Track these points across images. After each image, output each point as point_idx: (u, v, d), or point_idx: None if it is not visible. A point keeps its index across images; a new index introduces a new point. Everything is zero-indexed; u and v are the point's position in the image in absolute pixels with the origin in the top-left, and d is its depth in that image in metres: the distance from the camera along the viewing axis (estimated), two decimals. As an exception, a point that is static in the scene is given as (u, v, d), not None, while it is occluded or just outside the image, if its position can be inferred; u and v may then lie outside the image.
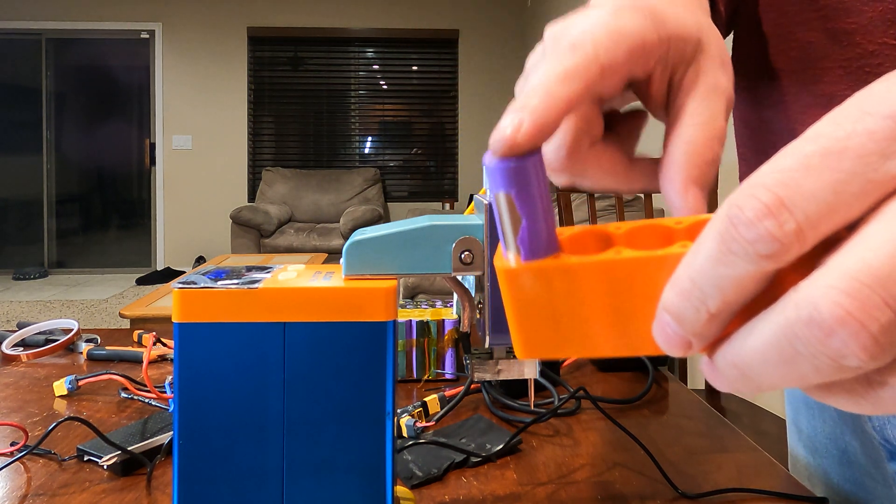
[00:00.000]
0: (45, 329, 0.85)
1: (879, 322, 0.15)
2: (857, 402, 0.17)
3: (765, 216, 0.16)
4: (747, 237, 0.16)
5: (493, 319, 0.35)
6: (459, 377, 0.69)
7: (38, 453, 0.52)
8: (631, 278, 0.21)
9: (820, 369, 0.16)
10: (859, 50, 0.39)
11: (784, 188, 0.16)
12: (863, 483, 0.54)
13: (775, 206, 0.16)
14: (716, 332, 0.19)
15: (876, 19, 0.38)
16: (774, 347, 0.16)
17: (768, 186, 0.16)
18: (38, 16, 5.89)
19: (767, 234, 0.16)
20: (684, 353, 0.19)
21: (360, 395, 0.35)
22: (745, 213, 0.16)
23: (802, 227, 0.16)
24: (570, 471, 0.51)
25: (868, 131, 0.16)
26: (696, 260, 0.18)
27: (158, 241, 6.02)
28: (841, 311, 0.15)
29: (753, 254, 0.16)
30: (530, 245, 0.22)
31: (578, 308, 0.22)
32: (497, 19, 6.14)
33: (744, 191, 0.16)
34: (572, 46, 0.25)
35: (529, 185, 0.22)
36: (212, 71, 6.00)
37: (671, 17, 0.28)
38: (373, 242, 0.35)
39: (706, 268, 0.17)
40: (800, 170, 0.16)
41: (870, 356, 0.15)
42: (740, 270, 0.17)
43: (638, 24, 0.26)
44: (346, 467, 0.35)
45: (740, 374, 0.18)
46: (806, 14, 0.42)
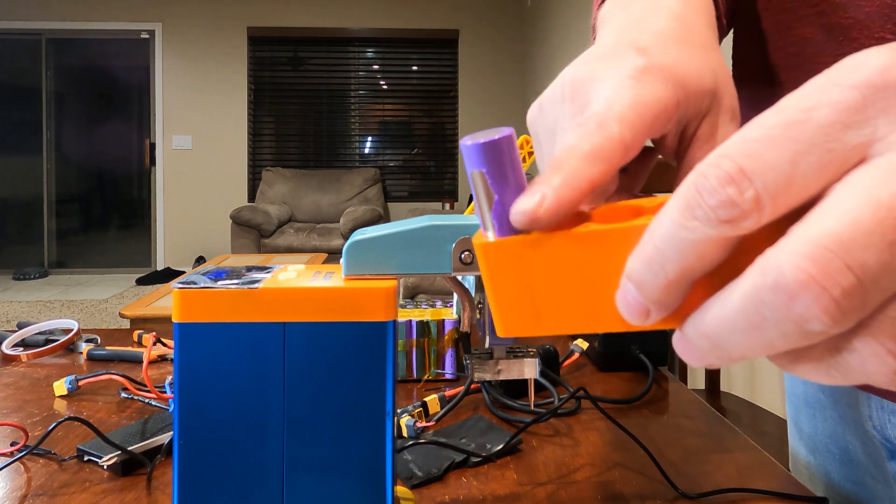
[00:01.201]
0: (45, 329, 0.85)
1: (841, 286, 0.15)
2: (827, 371, 0.17)
3: (727, 183, 0.16)
4: (710, 203, 0.17)
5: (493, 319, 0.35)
6: (459, 377, 0.69)
7: (38, 453, 0.52)
8: (599, 252, 0.21)
9: (786, 335, 0.16)
10: (856, 45, 0.39)
11: (746, 158, 0.16)
12: (864, 482, 0.54)
13: (737, 175, 0.16)
14: (674, 301, 0.19)
15: (874, 14, 0.38)
16: (742, 314, 0.17)
17: (731, 156, 0.17)
18: (38, 16, 5.89)
19: (728, 200, 0.16)
20: (643, 320, 0.20)
21: (360, 395, 0.35)
22: (709, 180, 0.17)
23: (761, 194, 0.16)
24: (570, 471, 0.51)
25: (833, 102, 0.16)
26: (659, 226, 0.18)
27: (158, 241, 6.02)
28: (804, 275, 0.15)
29: (714, 219, 0.17)
30: (504, 221, 0.22)
31: (552, 284, 0.22)
32: (497, 19, 6.15)
33: (709, 160, 0.17)
34: (599, 126, 0.25)
35: (502, 162, 0.22)
36: (212, 71, 6.00)
37: (692, 73, 0.28)
38: (373, 242, 0.35)
39: (668, 231, 0.18)
40: (762, 140, 0.17)
41: (832, 320, 0.15)
42: (700, 234, 0.17)
43: (660, 95, 0.26)
44: (346, 467, 0.35)
45: (711, 343, 0.18)
46: (804, 10, 0.42)
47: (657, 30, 0.31)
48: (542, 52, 5.32)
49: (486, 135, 0.22)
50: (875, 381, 0.17)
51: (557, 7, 4.76)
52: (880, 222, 0.15)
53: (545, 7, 5.19)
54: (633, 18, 0.32)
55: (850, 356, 0.17)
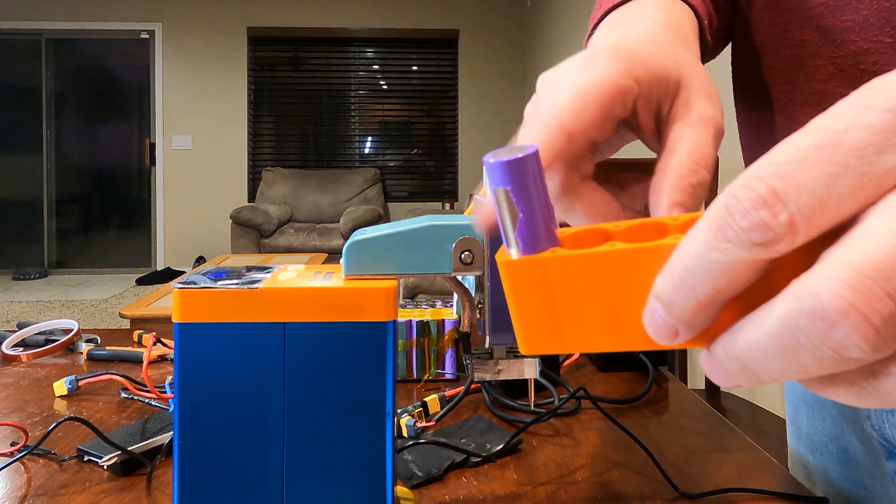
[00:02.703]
0: (45, 329, 0.85)
1: (882, 314, 0.15)
2: (860, 394, 0.17)
3: (760, 206, 0.16)
4: (742, 225, 0.16)
5: (493, 319, 0.35)
6: (459, 377, 0.69)
7: (38, 453, 0.52)
8: (625, 270, 0.21)
9: (822, 361, 0.16)
10: (853, 48, 0.40)
11: (778, 180, 0.16)
12: (863, 482, 0.54)
13: (770, 197, 0.16)
14: (703, 322, 0.19)
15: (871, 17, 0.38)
16: (776, 338, 0.17)
17: (763, 178, 0.16)
18: (38, 16, 5.89)
19: (762, 223, 0.16)
20: (671, 340, 0.20)
21: (360, 395, 0.35)
22: (741, 202, 0.16)
23: (795, 217, 0.16)
24: (570, 471, 0.51)
25: (867, 124, 0.16)
26: (690, 247, 0.18)
27: (158, 241, 6.02)
28: (843, 302, 0.15)
29: (747, 241, 0.16)
30: (528, 239, 0.22)
31: (577, 302, 0.22)
32: (497, 19, 6.14)
33: (740, 181, 0.17)
34: (540, 121, 0.27)
35: (526, 180, 0.22)
36: (212, 71, 6.00)
37: (650, 56, 0.29)
38: (373, 242, 0.35)
39: (699, 253, 0.18)
40: (794, 162, 0.16)
41: (872, 347, 0.15)
42: (732, 257, 0.17)
43: (608, 71, 0.27)
44: (346, 467, 0.35)
45: (741, 366, 0.18)
46: (801, 12, 0.42)
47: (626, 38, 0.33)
48: (542, 53, 5.32)
49: (509, 152, 0.22)
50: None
51: (557, 7, 4.76)
52: None
53: (545, 7, 5.19)
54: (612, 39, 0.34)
55: (887, 381, 0.16)
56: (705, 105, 0.29)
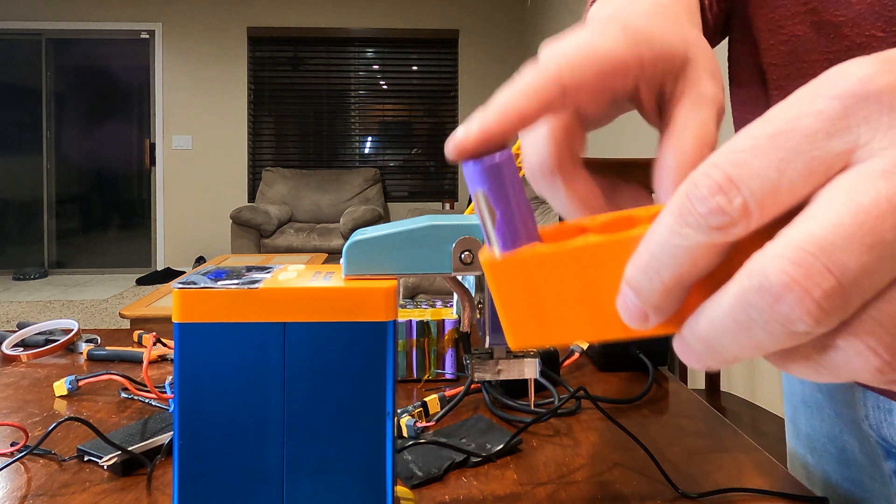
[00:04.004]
0: (45, 329, 0.85)
1: (822, 288, 0.16)
2: (816, 369, 0.18)
3: (716, 192, 0.17)
4: (700, 210, 0.17)
5: (493, 319, 0.35)
6: (459, 377, 0.69)
7: (38, 453, 0.52)
8: (600, 262, 0.22)
9: (774, 335, 0.17)
10: (847, 42, 0.40)
11: (734, 167, 0.17)
12: (861, 482, 0.54)
13: (725, 183, 0.17)
14: (671, 305, 0.20)
15: (864, 12, 0.38)
16: (731, 316, 0.17)
17: (720, 166, 0.17)
18: (38, 16, 5.89)
19: (718, 208, 0.17)
20: (642, 324, 0.21)
21: (360, 395, 0.35)
22: (700, 189, 0.17)
23: (748, 202, 0.17)
24: (570, 471, 0.51)
25: (816, 112, 0.17)
26: (655, 233, 0.19)
27: (158, 241, 6.02)
28: (786, 277, 0.16)
29: (705, 225, 0.17)
30: (507, 238, 0.24)
31: (558, 295, 0.23)
32: (497, 19, 6.14)
33: (700, 170, 0.18)
34: (537, 67, 0.26)
35: (502, 182, 0.23)
36: (212, 71, 6.00)
37: (657, 33, 0.28)
38: (373, 242, 0.35)
39: (663, 238, 0.19)
40: (749, 150, 0.17)
41: (815, 320, 0.16)
42: (693, 241, 0.18)
43: (614, 44, 0.27)
44: (346, 467, 0.35)
45: (705, 345, 0.19)
46: (795, 7, 0.42)
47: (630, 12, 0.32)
48: (542, 52, 5.32)
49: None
50: (860, 377, 0.17)
51: (557, 7, 4.76)
52: (860, 226, 0.16)
53: (545, 7, 5.19)
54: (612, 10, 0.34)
55: (836, 354, 0.17)
56: (709, 84, 0.29)
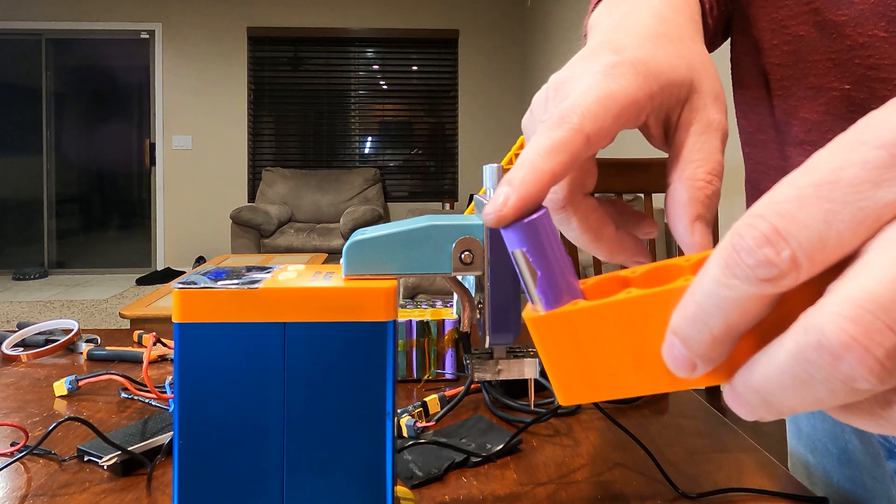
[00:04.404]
0: (45, 329, 0.85)
1: (884, 346, 0.15)
2: (878, 422, 0.18)
3: (763, 244, 0.17)
4: (748, 262, 0.17)
5: (493, 319, 0.35)
6: (459, 377, 0.69)
7: (38, 453, 0.52)
8: (644, 315, 0.22)
9: (834, 392, 0.16)
10: (849, 42, 0.40)
11: (780, 218, 0.17)
12: (863, 482, 0.54)
13: (772, 235, 0.17)
14: (719, 355, 0.19)
15: (867, 11, 0.38)
16: (788, 372, 0.17)
17: (766, 216, 0.17)
18: (38, 16, 5.89)
19: (766, 260, 0.17)
20: (690, 373, 0.20)
21: (360, 395, 0.35)
22: (746, 240, 0.17)
23: (797, 254, 0.17)
24: (570, 471, 0.51)
25: (862, 161, 0.17)
26: (701, 284, 0.19)
27: (158, 241, 6.02)
28: (846, 336, 0.15)
29: (754, 277, 0.17)
30: (550, 295, 0.24)
31: (604, 350, 0.23)
32: (497, 19, 6.14)
33: (745, 220, 0.18)
34: (560, 120, 0.26)
35: (540, 240, 0.24)
36: (212, 71, 6.00)
37: (665, 65, 0.29)
38: (373, 242, 0.35)
39: (710, 290, 0.18)
40: (794, 200, 0.17)
41: (878, 379, 0.16)
42: (741, 293, 0.18)
43: (629, 86, 0.27)
44: (346, 467, 0.35)
45: (761, 399, 0.18)
46: (797, 7, 0.42)
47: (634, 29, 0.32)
48: (542, 53, 5.32)
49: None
50: None
51: (557, 8, 4.76)
52: None
53: (545, 7, 5.19)
54: (616, 21, 0.34)
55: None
56: (713, 111, 0.29)
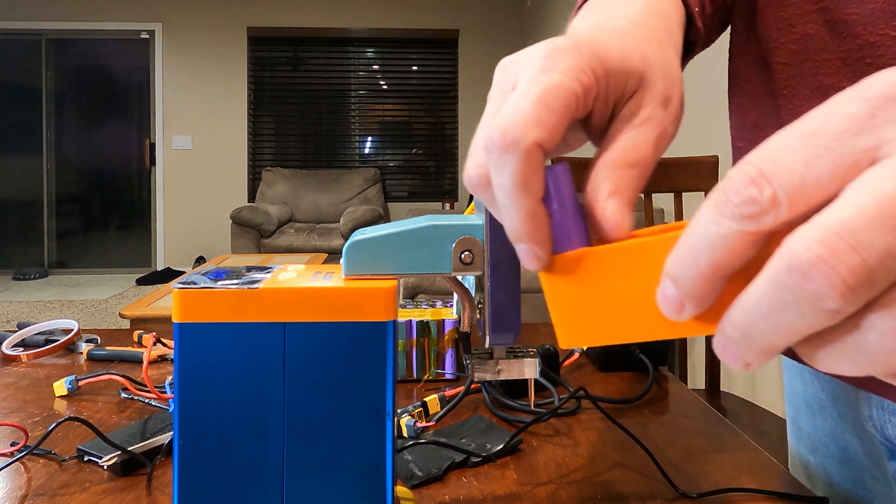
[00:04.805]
0: (45, 329, 0.85)
1: (846, 265, 0.17)
2: (852, 356, 0.19)
3: (749, 184, 0.19)
4: (734, 201, 0.19)
5: (493, 319, 0.35)
6: (459, 377, 0.69)
7: (38, 453, 0.52)
8: (646, 260, 0.24)
9: (804, 315, 0.18)
10: (859, 41, 0.39)
11: (766, 163, 0.19)
12: (863, 482, 0.54)
13: (757, 176, 0.19)
14: (707, 294, 0.21)
15: (877, 11, 0.38)
16: (765, 299, 0.19)
17: (754, 162, 0.19)
18: (38, 16, 5.89)
19: (750, 198, 0.19)
20: (679, 314, 0.22)
21: (360, 395, 0.35)
22: (734, 182, 0.19)
23: (777, 193, 0.18)
24: (570, 471, 0.51)
25: (846, 113, 0.19)
26: (693, 225, 0.20)
27: (158, 241, 6.02)
28: (813, 255, 0.17)
29: (739, 215, 0.19)
30: (560, 239, 0.25)
31: (606, 295, 0.25)
32: (497, 19, 6.14)
33: (736, 167, 0.20)
34: (504, 141, 0.25)
35: (558, 187, 0.25)
36: (212, 71, 6.00)
37: (614, 51, 0.28)
38: (373, 242, 0.35)
39: (700, 228, 0.20)
40: (781, 148, 0.19)
41: (842, 295, 0.17)
42: (727, 229, 0.19)
43: (566, 74, 0.26)
44: (346, 467, 0.35)
45: (741, 333, 0.20)
46: (806, 6, 0.42)
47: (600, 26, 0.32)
48: (542, 52, 5.31)
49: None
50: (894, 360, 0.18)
51: (557, 7, 4.76)
52: (883, 209, 0.17)
53: (545, 7, 5.19)
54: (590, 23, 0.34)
55: (870, 334, 0.18)
56: (656, 109, 0.29)
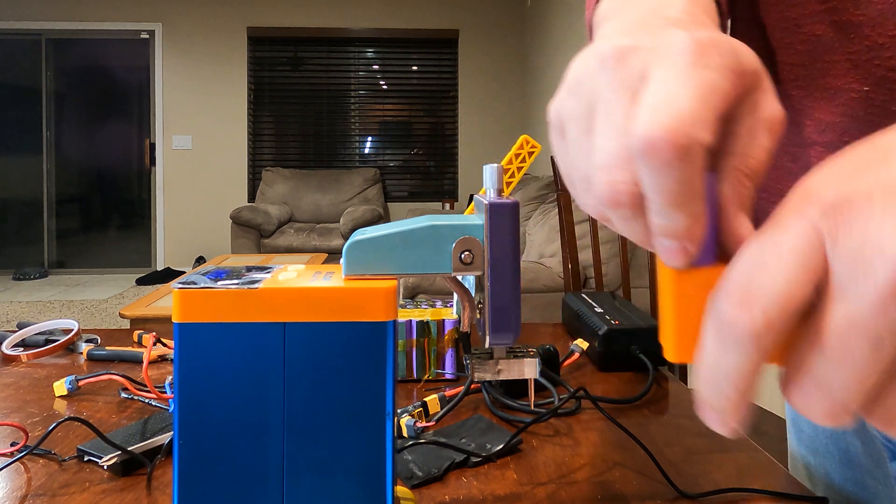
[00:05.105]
0: (45, 329, 0.85)
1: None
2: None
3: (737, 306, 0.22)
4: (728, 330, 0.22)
5: (493, 319, 0.35)
6: (459, 377, 0.69)
7: (38, 453, 0.52)
8: None
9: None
10: (868, 42, 0.39)
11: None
12: (864, 483, 0.54)
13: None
14: (748, 393, 0.22)
15: (886, 11, 0.38)
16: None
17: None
18: (38, 16, 5.89)
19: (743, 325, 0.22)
20: (729, 429, 0.23)
21: (360, 395, 0.35)
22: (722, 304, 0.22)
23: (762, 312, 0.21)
24: (570, 471, 0.50)
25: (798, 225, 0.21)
26: (704, 353, 0.23)
27: (158, 241, 6.02)
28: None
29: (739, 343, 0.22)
30: (705, 253, 0.24)
31: None
32: (497, 19, 6.14)
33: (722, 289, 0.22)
34: (676, 146, 0.22)
35: (710, 195, 0.24)
36: (212, 71, 6.00)
37: (741, 48, 0.26)
38: (373, 242, 0.35)
39: (710, 359, 0.22)
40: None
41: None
42: (734, 359, 0.22)
43: (722, 73, 0.24)
44: (346, 467, 0.35)
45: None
46: (812, 6, 0.42)
47: (679, 13, 0.29)
48: (542, 52, 5.32)
49: None
50: None
51: (557, 7, 4.76)
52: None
53: (545, 7, 5.19)
54: (647, 10, 0.31)
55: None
56: (775, 106, 0.26)
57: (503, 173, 0.39)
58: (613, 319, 0.76)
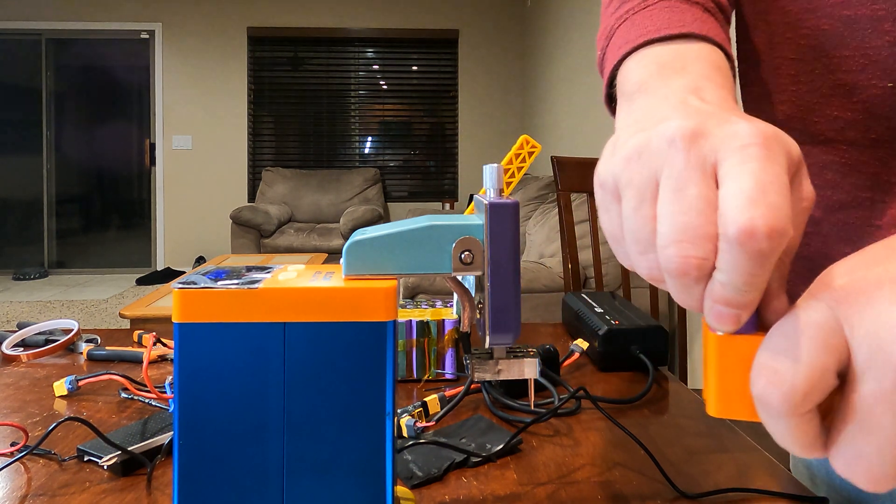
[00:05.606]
0: (45, 329, 0.85)
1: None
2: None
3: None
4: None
5: (493, 319, 0.35)
6: (459, 377, 0.69)
7: (38, 453, 0.52)
8: None
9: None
10: (888, 38, 0.38)
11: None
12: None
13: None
14: (815, 431, 0.25)
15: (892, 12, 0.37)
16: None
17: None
18: (38, 16, 5.89)
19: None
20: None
21: (360, 395, 0.35)
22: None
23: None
24: (570, 471, 0.51)
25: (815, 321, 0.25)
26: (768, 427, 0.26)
27: (158, 241, 6.02)
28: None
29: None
30: (754, 321, 0.27)
31: None
32: (497, 19, 6.14)
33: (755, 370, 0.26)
34: (771, 237, 0.24)
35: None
36: (212, 71, 6.00)
37: (790, 142, 0.28)
38: (373, 242, 0.35)
39: (775, 429, 0.26)
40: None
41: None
42: (783, 426, 0.25)
43: (787, 169, 0.26)
44: (346, 467, 0.35)
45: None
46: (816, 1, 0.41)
47: (723, 98, 0.32)
48: (542, 53, 5.32)
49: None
50: None
51: (557, 7, 4.76)
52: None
53: (545, 7, 5.19)
54: (682, 87, 0.33)
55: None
56: (810, 186, 0.28)
57: (503, 173, 0.39)
58: (613, 319, 0.76)
